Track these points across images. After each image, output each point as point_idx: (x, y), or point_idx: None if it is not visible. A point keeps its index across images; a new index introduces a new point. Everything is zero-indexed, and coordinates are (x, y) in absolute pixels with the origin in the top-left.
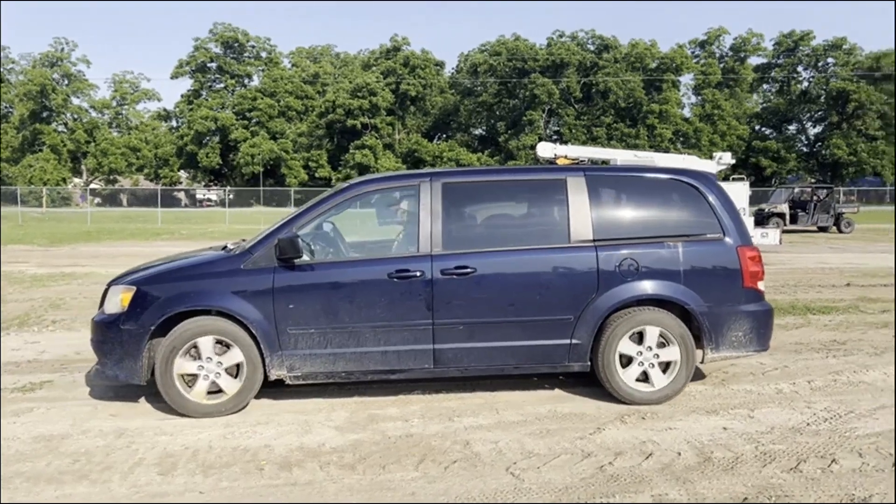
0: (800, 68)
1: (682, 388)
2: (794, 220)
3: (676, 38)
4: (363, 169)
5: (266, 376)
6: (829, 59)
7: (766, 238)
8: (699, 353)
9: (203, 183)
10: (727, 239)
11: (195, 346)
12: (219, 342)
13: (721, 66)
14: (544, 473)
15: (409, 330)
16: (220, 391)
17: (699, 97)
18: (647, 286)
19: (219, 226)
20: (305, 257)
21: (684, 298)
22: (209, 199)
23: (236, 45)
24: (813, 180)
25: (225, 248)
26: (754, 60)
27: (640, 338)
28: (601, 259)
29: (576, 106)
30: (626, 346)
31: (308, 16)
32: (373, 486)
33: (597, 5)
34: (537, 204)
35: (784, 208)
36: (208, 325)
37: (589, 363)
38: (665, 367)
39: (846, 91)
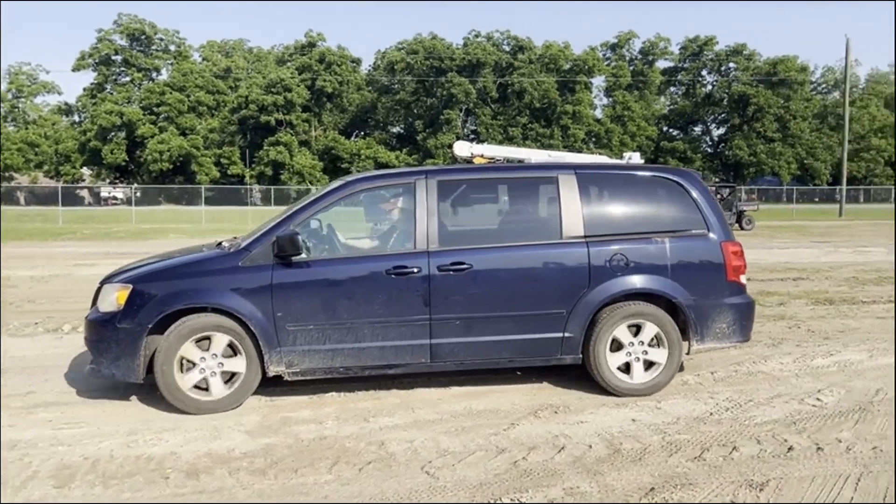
0: (704, 72)
1: (668, 381)
2: None
3: (589, 41)
4: (278, 166)
5: (264, 373)
6: (731, 64)
7: None
8: (685, 344)
9: (108, 180)
10: (711, 234)
11: (195, 343)
12: (205, 338)
13: (631, 68)
14: (459, 471)
15: (406, 325)
16: (227, 383)
17: (610, 99)
18: (637, 280)
19: (125, 225)
20: (303, 254)
21: (672, 292)
22: (115, 198)
23: (143, 37)
24: (717, 180)
25: (219, 245)
26: (662, 64)
27: (635, 331)
28: (592, 254)
29: (492, 106)
30: (616, 338)
31: (219, 9)
32: (284, 491)
33: (511, 5)
34: (530, 201)
35: None
36: (206, 322)
37: (580, 356)
38: (649, 364)
39: (746, 95)
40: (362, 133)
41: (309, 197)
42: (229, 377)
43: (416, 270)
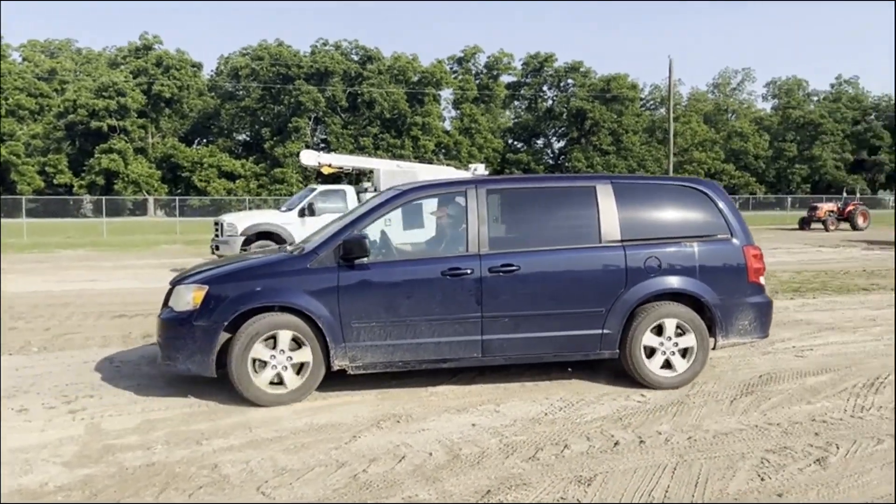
0: (545, 87)
1: (696, 375)
2: None
3: (436, 54)
4: (111, 175)
5: (328, 367)
6: (569, 80)
7: None
8: (711, 340)
9: None
10: (734, 240)
11: (270, 339)
12: (272, 336)
13: (477, 82)
14: (297, 489)
15: (460, 322)
16: (283, 382)
17: (458, 111)
18: (669, 281)
19: None
20: (367, 257)
21: (700, 292)
22: None
23: None
24: None
25: (283, 249)
26: (506, 78)
27: (667, 328)
28: (629, 257)
29: (342, 115)
30: (650, 335)
31: (42, 7)
32: None
33: (358, 15)
34: (571, 208)
35: None
36: (276, 321)
37: (618, 351)
38: (684, 352)
39: (584, 110)
40: (205, 140)
41: (368, 204)
42: (298, 368)
43: (469, 272)
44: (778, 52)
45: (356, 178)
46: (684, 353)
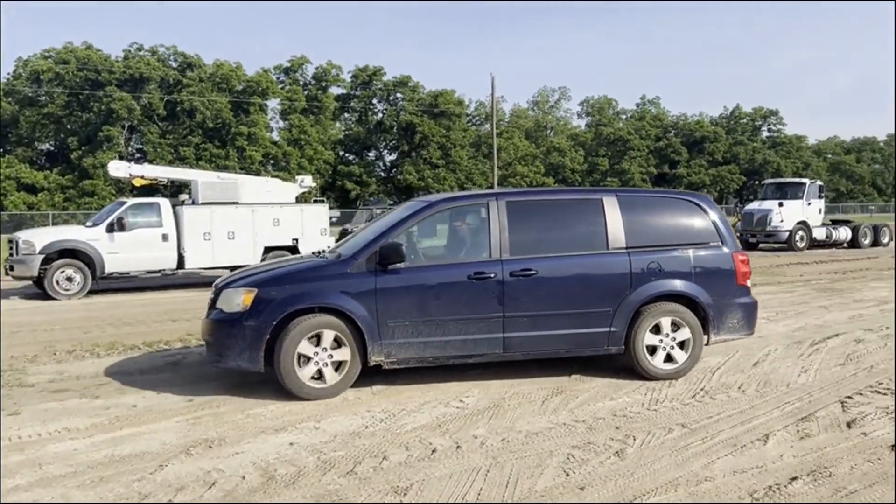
0: (375, 101)
1: (692, 367)
2: None
3: (262, 63)
4: None
5: (365, 363)
6: (399, 95)
7: None
8: (705, 337)
9: None
10: (724, 247)
11: (315, 337)
12: (316, 335)
13: (305, 93)
14: None
15: (484, 321)
16: (335, 372)
17: (286, 122)
18: (669, 284)
19: None
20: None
21: (696, 293)
22: None
23: None
24: (391, 202)
25: (320, 254)
26: (335, 90)
27: (666, 326)
28: (633, 262)
29: (160, 124)
30: (651, 333)
31: None
32: None
33: (176, 20)
34: (581, 218)
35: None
36: (319, 321)
37: (623, 347)
38: (681, 346)
39: (413, 124)
40: (2, 150)
41: (398, 214)
42: (337, 366)
43: (492, 275)
44: (590, 72)
45: (175, 190)
46: (682, 347)
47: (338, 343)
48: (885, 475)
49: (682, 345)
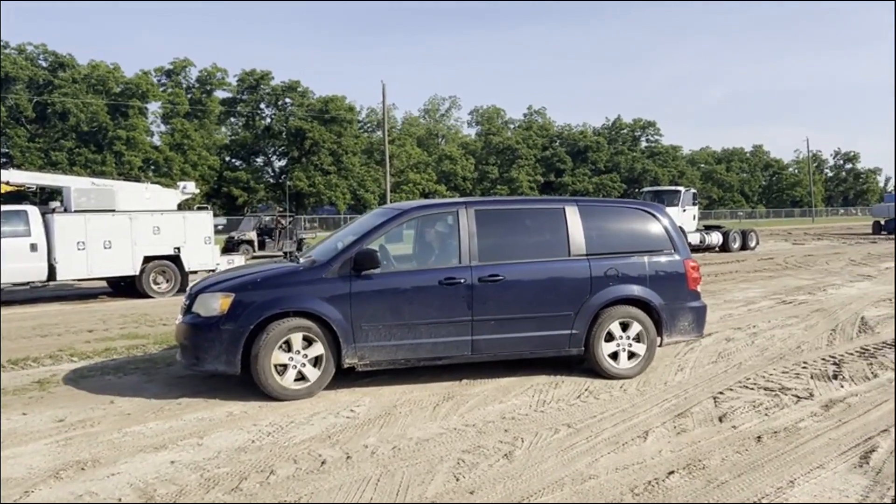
0: (262, 105)
1: (646, 367)
2: (262, 246)
3: (141, 65)
4: None
5: (340, 365)
6: (288, 99)
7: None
8: (658, 338)
9: None
10: (676, 255)
11: (287, 342)
12: (305, 339)
13: (189, 96)
14: None
15: (453, 324)
16: (304, 378)
17: (169, 126)
18: (627, 289)
19: None
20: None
21: (651, 298)
22: None
23: None
24: (281, 209)
25: (293, 259)
26: (221, 94)
27: (623, 328)
28: (593, 268)
29: (28, 126)
30: (610, 333)
31: None
32: None
33: (47, 18)
34: (544, 226)
35: (252, 235)
36: (297, 324)
37: (584, 349)
38: (632, 354)
39: (303, 129)
40: None
41: (371, 221)
42: (315, 361)
43: (462, 280)
44: (479, 81)
45: (46, 197)
46: (637, 349)
47: (308, 342)
48: (753, 464)
49: (638, 346)
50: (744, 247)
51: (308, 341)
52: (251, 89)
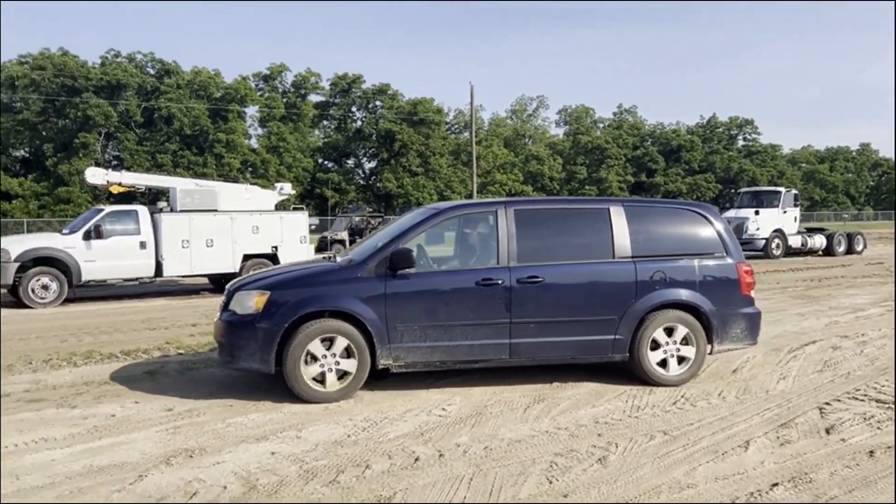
0: (354, 108)
1: (696, 374)
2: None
3: (240, 70)
4: None
5: (374, 365)
6: (378, 102)
7: None
8: (709, 346)
9: None
10: (729, 258)
11: (327, 341)
12: (339, 339)
13: (284, 100)
14: None
15: (491, 327)
16: (338, 378)
17: (265, 129)
18: (674, 293)
19: None
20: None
21: (700, 303)
22: None
23: None
24: (370, 210)
25: (329, 258)
26: (314, 98)
27: (670, 333)
28: (639, 271)
29: (137, 130)
30: (655, 339)
31: None
32: None
33: (153, 27)
34: (587, 227)
35: (344, 235)
36: (331, 324)
37: (628, 354)
38: (681, 360)
39: (392, 132)
40: None
41: (408, 221)
42: (341, 375)
43: (500, 282)
44: (568, 81)
45: (153, 197)
46: (685, 356)
47: (347, 353)
48: (865, 480)
49: (685, 352)
50: (849, 250)
51: (342, 342)
52: (343, 93)
